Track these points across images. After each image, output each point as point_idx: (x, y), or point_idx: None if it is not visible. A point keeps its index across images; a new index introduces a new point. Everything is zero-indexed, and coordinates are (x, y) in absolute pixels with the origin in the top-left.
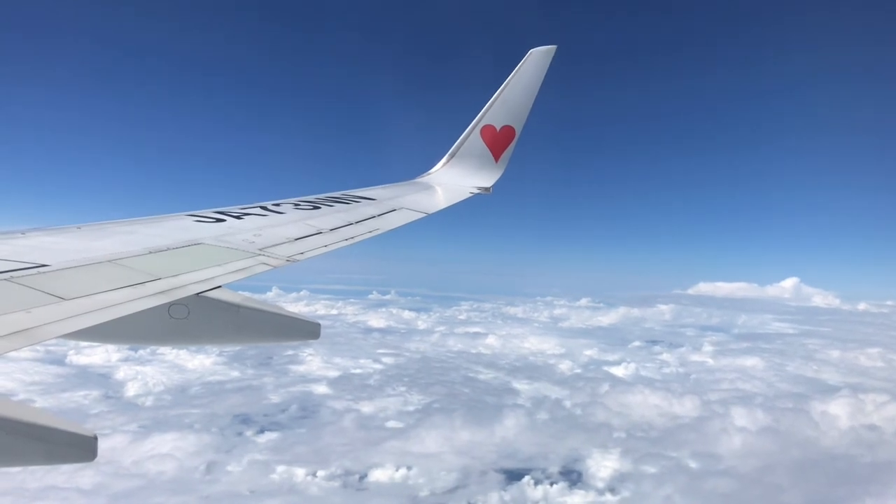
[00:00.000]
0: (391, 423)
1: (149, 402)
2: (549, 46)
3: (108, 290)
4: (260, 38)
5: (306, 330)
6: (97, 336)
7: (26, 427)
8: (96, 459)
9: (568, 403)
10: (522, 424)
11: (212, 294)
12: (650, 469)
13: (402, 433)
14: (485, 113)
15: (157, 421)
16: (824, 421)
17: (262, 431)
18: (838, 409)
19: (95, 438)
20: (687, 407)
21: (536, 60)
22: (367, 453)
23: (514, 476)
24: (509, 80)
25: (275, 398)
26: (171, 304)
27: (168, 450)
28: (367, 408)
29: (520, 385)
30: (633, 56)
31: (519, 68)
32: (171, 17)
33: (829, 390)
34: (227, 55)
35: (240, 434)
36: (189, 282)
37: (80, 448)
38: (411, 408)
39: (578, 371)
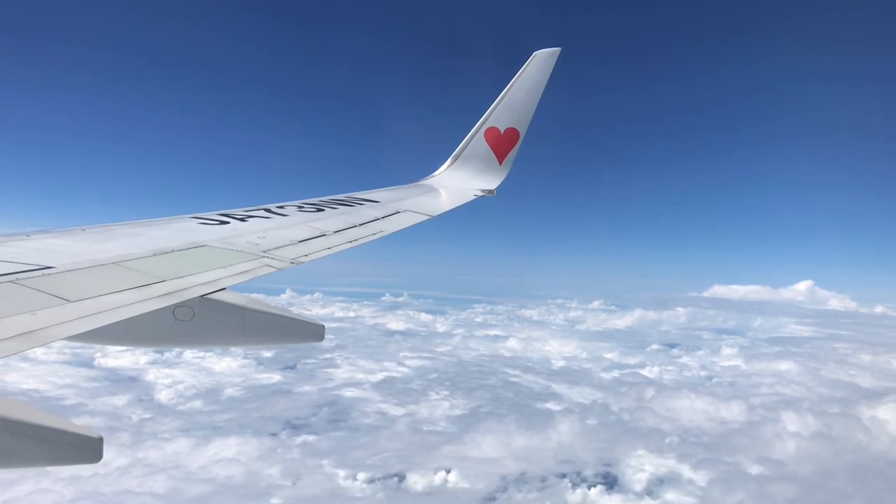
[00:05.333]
0: (443, 428)
1: (194, 405)
2: (554, 48)
3: (113, 292)
4: (264, 40)
5: (311, 332)
6: (102, 338)
7: (32, 428)
8: (170, 464)
9: (615, 408)
10: (575, 430)
11: (216, 296)
12: (710, 474)
13: (457, 437)
14: (489, 115)
15: (211, 426)
16: (875, 426)
17: (314, 435)
18: (887, 414)
19: (101, 440)
20: (734, 412)
21: (541, 62)
22: (427, 457)
23: (574, 480)
24: (513, 83)
25: (319, 402)
26: (175, 306)
27: (233, 454)
28: (416, 411)
29: (561, 389)
30: (643, 57)
31: (523, 70)
32: (178, 18)
33: (872, 395)
34: (231, 56)
35: (295, 438)
36: (194, 284)
37: (86, 449)
38: (458, 412)
39: (616, 375)
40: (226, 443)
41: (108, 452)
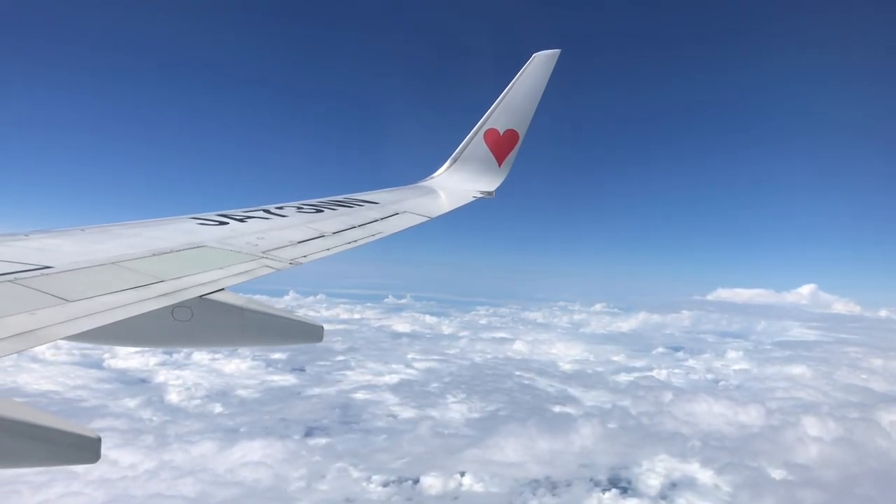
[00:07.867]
0: (464, 431)
1: (211, 408)
2: (553, 50)
3: (112, 293)
4: (264, 40)
5: (310, 332)
6: (101, 338)
7: (31, 428)
8: (197, 466)
9: (634, 412)
10: (597, 434)
11: (215, 296)
12: (735, 479)
13: (479, 441)
14: (488, 117)
15: (232, 429)
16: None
17: (336, 438)
18: None
19: (99, 440)
20: (752, 416)
21: (540, 64)
22: (450, 461)
23: (603, 484)
24: (513, 84)
25: (335, 405)
26: (174, 307)
27: (258, 457)
28: (434, 415)
29: (577, 392)
30: (644, 58)
31: (522, 72)
32: (178, 18)
33: (888, 399)
34: (231, 56)
35: (318, 441)
36: (192, 284)
37: (84, 449)
38: (477, 415)
39: (630, 379)
40: (251, 445)
41: (135, 455)
